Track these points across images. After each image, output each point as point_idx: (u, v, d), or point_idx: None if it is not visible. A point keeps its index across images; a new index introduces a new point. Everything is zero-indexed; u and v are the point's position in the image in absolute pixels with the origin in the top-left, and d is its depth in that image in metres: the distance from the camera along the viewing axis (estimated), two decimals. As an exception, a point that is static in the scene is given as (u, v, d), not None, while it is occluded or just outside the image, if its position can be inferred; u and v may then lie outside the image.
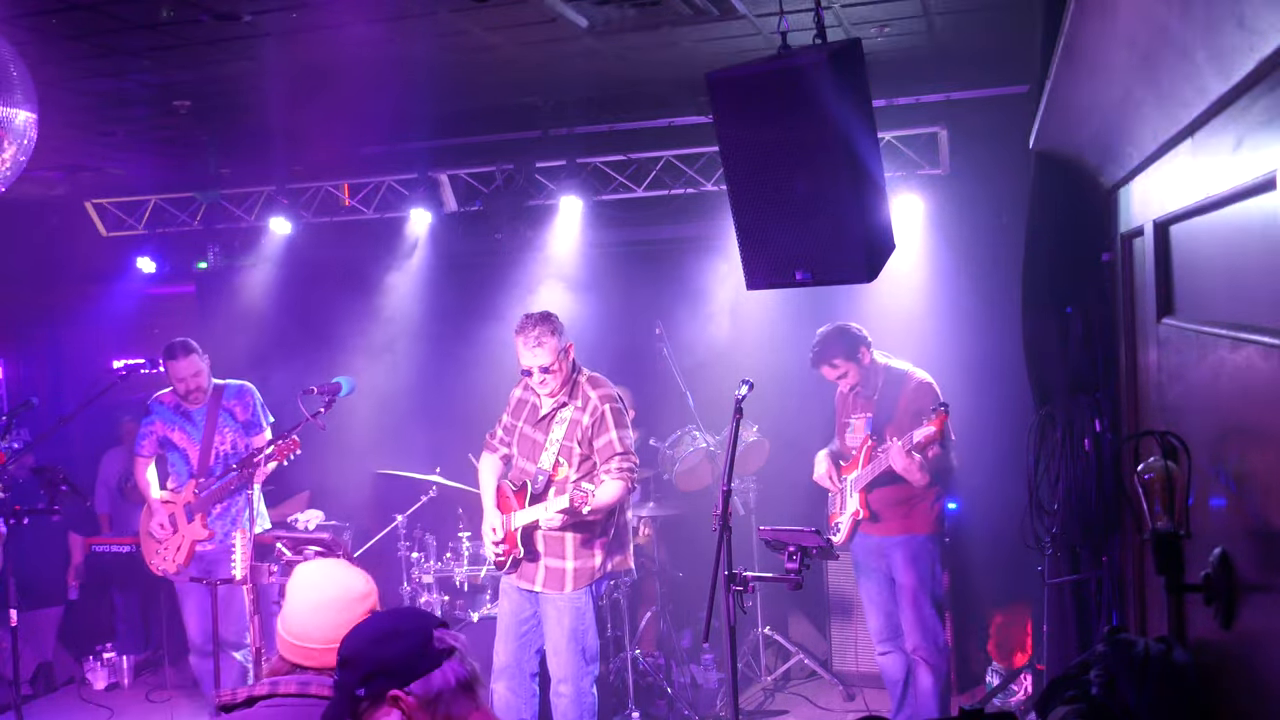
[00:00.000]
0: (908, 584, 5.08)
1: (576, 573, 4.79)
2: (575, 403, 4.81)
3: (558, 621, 4.79)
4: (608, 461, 4.77)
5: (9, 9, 4.26)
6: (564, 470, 4.81)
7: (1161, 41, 2.14)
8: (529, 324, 4.71)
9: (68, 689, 7.10)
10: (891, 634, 5.23)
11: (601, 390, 4.83)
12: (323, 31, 4.77)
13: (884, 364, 5.22)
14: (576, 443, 4.78)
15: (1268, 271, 1.97)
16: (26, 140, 3.60)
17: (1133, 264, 3.73)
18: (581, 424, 4.78)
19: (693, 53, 5.30)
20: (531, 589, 4.84)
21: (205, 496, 5.64)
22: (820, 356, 5.20)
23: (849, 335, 5.17)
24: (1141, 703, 2.48)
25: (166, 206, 7.88)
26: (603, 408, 4.78)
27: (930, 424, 4.77)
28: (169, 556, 5.68)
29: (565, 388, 4.80)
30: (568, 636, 4.77)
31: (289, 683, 2.58)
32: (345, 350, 7.58)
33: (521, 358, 4.73)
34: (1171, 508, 2.47)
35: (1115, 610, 4.22)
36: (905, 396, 5.11)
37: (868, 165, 3.36)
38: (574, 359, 4.85)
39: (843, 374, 5.19)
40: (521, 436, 4.96)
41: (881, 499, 5.12)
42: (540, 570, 4.82)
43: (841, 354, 5.14)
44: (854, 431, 5.27)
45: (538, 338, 4.67)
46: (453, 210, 7.25)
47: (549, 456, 4.82)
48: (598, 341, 7.30)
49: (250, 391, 5.92)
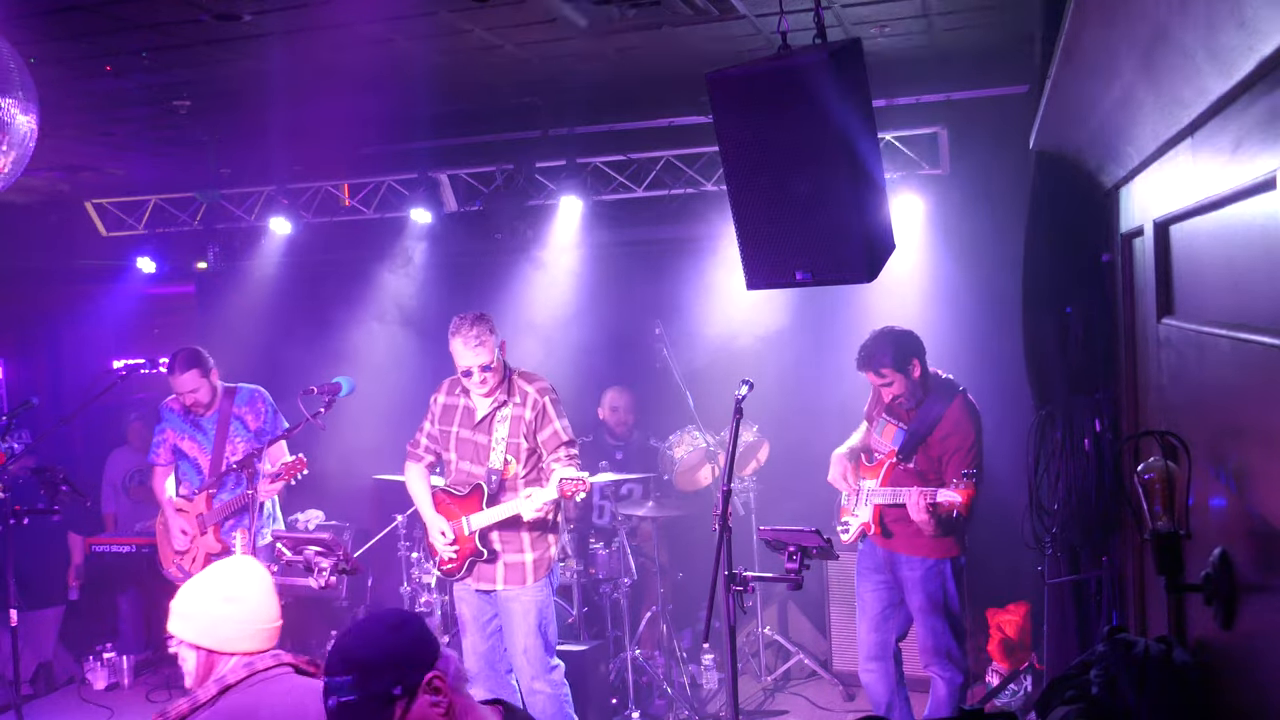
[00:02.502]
0: (918, 604, 4.90)
1: (536, 564, 4.84)
2: (514, 400, 4.84)
3: (523, 617, 4.80)
4: (555, 451, 4.81)
5: (9, 9, 4.26)
6: (514, 467, 4.84)
7: (1161, 41, 2.14)
8: (466, 325, 4.74)
9: (68, 689, 7.10)
10: (879, 653, 5.04)
11: (537, 384, 4.88)
12: (323, 31, 4.77)
13: (934, 375, 4.92)
14: (523, 437, 4.82)
15: (1268, 271, 1.97)
16: (27, 140, 3.60)
17: (1133, 264, 3.74)
18: (524, 419, 4.82)
19: (693, 53, 5.30)
20: (492, 588, 4.85)
21: (218, 508, 5.59)
22: (868, 361, 4.85)
23: (903, 344, 4.82)
24: (1141, 703, 2.49)
25: (166, 206, 7.88)
26: (543, 400, 4.83)
27: (958, 492, 4.53)
28: (185, 565, 5.65)
29: (502, 385, 4.84)
30: (534, 631, 4.79)
31: (235, 671, 2.76)
32: (345, 350, 7.59)
33: (461, 359, 4.75)
34: (1171, 508, 2.47)
35: (1115, 610, 4.22)
36: (946, 422, 4.80)
37: (868, 165, 3.36)
38: (505, 358, 4.88)
39: (889, 383, 4.83)
40: (460, 441, 4.95)
41: (896, 517, 4.88)
42: (499, 568, 4.83)
43: (891, 363, 4.79)
44: (882, 435, 5.01)
45: (478, 337, 4.70)
46: (453, 210, 7.25)
47: (498, 456, 4.83)
48: (598, 342, 7.32)
49: (262, 397, 5.82)
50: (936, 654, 4.90)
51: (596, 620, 6.13)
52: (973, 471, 4.61)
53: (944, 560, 4.87)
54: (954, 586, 4.93)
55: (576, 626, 6.01)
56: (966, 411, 4.83)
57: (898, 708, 5.03)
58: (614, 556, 6.06)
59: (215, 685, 2.73)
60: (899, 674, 5.08)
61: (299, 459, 5.25)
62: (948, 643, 4.91)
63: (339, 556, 4.55)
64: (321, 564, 4.61)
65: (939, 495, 4.59)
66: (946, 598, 4.89)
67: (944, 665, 4.91)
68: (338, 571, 4.64)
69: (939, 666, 4.91)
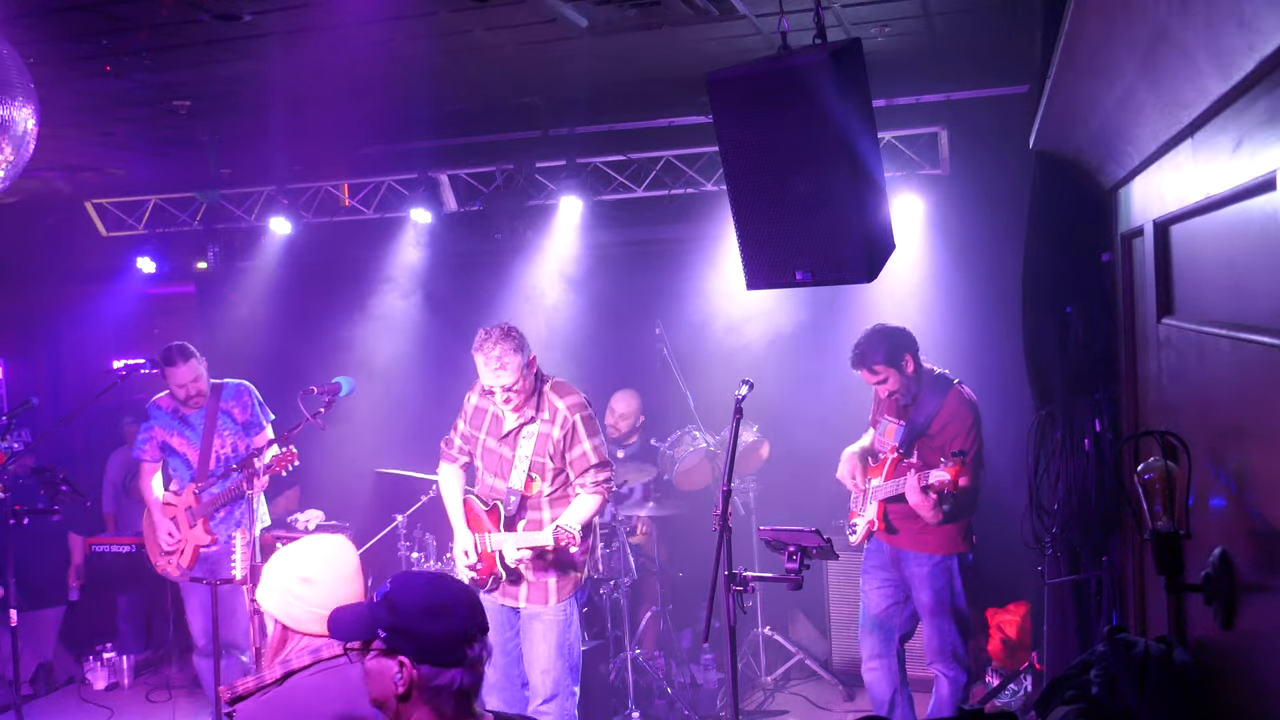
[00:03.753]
0: (925, 602, 4.90)
1: (559, 585, 4.62)
2: (542, 415, 4.56)
3: (544, 637, 4.60)
4: (582, 475, 4.57)
5: (9, 9, 4.26)
6: (537, 485, 4.60)
7: (1161, 41, 2.14)
8: (489, 342, 4.42)
9: (68, 689, 7.10)
10: (882, 650, 5.03)
11: (570, 399, 4.58)
12: (323, 31, 4.76)
13: (928, 370, 4.96)
14: (548, 457, 4.56)
15: (1268, 271, 1.97)
16: (26, 140, 3.60)
17: (1133, 264, 3.74)
18: (551, 437, 4.55)
19: (693, 53, 5.30)
20: (516, 605, 4.67)
21: (207, 501, 5.61)
22: (861, 359, 4.90)
23: (894, 339, 4.88)
24: (1141, 703, 2.49)
25: (166, 206, 7.88)
26: (573, 419, 4.54)
27: (946, 470, 4.57)
28: (173, 560, 5.68)
29: (530, 401, 4.55)
30: (555, 652, 4.59)
31: (299, 654, 2.68)
32: (345, 350, 7.59)
33: (483, 377, 4.48)
34: (1171, 508, 2.47)
35: (1115, 610, 4.22)
36: (944, 413, 4.85)
37: (868, 165, 3.36)
38: (537, 369, 4.59)
39: (883, 379, 4.88)
40: (486, 450, 4.72)
41: (901, 513, 4.91)
42: (523, 587, 4.64)
43: (884, 359, 4.84)
44: (884, 434, 5.04)
45: (500, 358, 4.39)
46: (453, 210, 7.25)
47: (519, 475, 4.59)
48: (598, 342, 7.32)
49: (248, 390, 5.87)
50: (942, 654, 4.92)
51: (596, 620, 6.13)
52: (963, 452, 4.64)
53: (950, 556, 4.89)
54: (960, 584, 4.94)
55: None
56: (963, 401, 4.88)
57: (900, 707, 5.02)
58: (614, 556, 6.06)
59: (280, 667, 2.68)
60: (902, 673, 5.08)
61: (289, 451, 5.17)
62: (954, 641, 4.92)
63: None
64: (322, 564, 4.61)
65: (930, 476, 4.63)
66: (954, 595, 4.91)
67: (949, 664, 4.93)
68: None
69: (944, 665, 4.93)
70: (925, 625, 4.95)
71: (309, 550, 2.83)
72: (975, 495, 4.88)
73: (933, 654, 4.94)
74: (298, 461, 5.23)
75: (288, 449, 5.19)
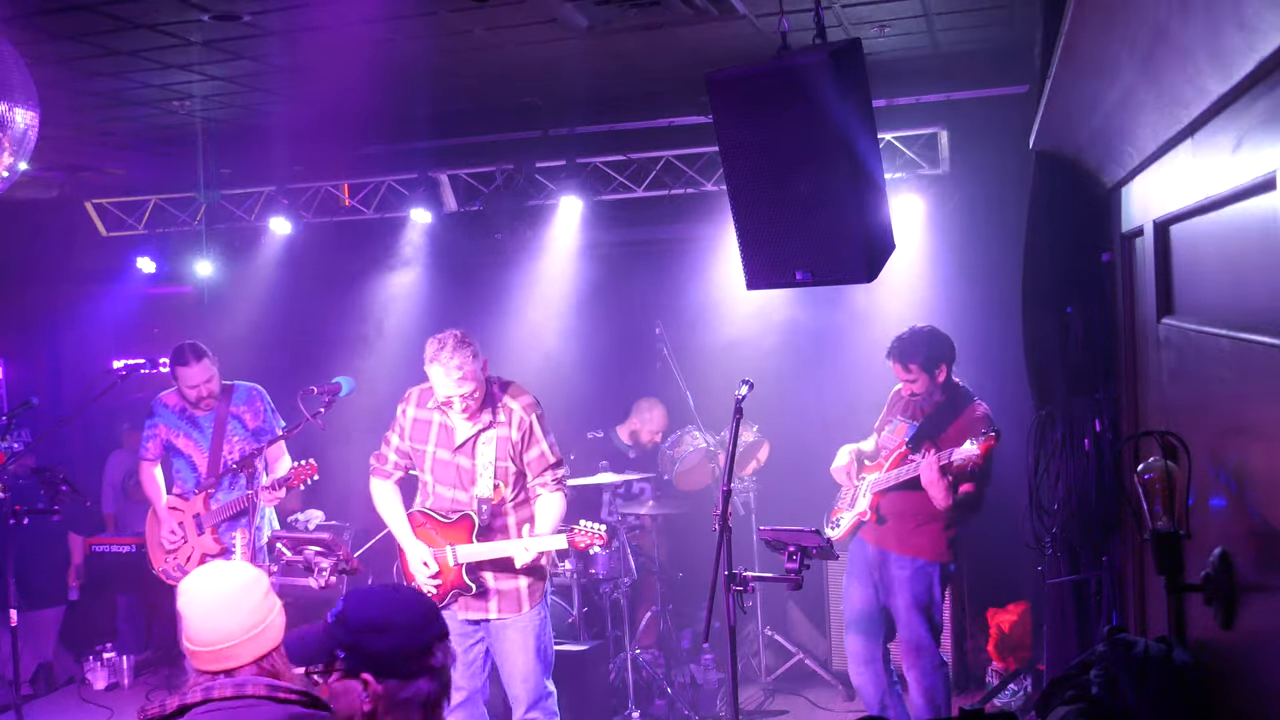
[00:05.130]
0: (902, 604, 4.86)
1: (531, 590, 4.52)
2: (499, 419, 4.46)
3: (522, 646, 4.48)
4: (541, 474, 4.49)
5: (9, 9, 4.26)
6: (503, 491, 4.50)
7: (1161, 41, 2.14)
8: (444, 352, 4.27)
9: (68, 689, 7.10)
10: (868, 656, 5.00)
11: (524, 399, 4.49)
12: (322, 31, 4.76)
13: (954, 384, 4.92)
14: (510, 460, 4.46)
15: (1268, 271, 1.97)
16: (26, 140, 3.60)
17: (1133, 264, 3.74)
18: (511, 440, 4.44)
19: (693, 53, 5.30)
20: (483, 618, 4.51)
21: (217, 510, 5.44)
22: (900, 354, 4.84)
23: (937, 345, 4.84)
24: (1141, 703, 2.49)
25: (166, 206, 7.88)
26: (529, 419, 4.45)
27: (977, 445, 4.46)
28: (178, 564, 5.52)
29: (485, 406, 4.44)
30: (535, 658, 4.49)
31: (223, 686, 2.48)
32: (345, 350, 7.58)
33: (441, 388, 4.33)
34: (1171, 508, 2.47)
35: (1115, 610, 4.22)
36: (962, 420, 4.79)
37: (868, 165, 3.36)
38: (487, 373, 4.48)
39: (913, 379, 4.83)
40: (438, 463, 4.54)
41: (893, 507, 4.87)
42: (492, 598, 4.49)
43: (921, 361, 4.80)
44: (893, 433, 5.01)
45: (460, 367, 4.26)
46: (453, 210, 7.26)
47: (486, 482, 4.44)
48: (598, 341, 7.32)
49: (260, 395, 5.71)
50: (917, 660, 4.87)
51: (596, 620, 6.13)
52: (991, 431, 4.53)
53: (934, 564, 4.86)
54: (939, 593, 4.92)
55: (576, 626, 6.00)
56: (984, 413, 4.83)
57: (892, 708, 5.02)
58: (614, 556, 6.06)
59: (175, 699, 2.49)
60: (889, 675, 5.06)
61: (309, 464, 5.05)
62: (929, 647, 4.86)
63: (339, 556, 4.55)
64: (321, 564, 4.61)
65: (954, 454, 4.53)
66: (931, 601, 4.87)
67: (923, 672, 4.88)
68: (338, 571, 4.64)
69: (919, 672, 4.88)
70: (897, 623, 4.92)
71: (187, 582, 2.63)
72: (979, 503, 4.82)
73: (909, 660, 4.89)
74: (317, 475, 5.06)
75: (308, 462, 5.05)
